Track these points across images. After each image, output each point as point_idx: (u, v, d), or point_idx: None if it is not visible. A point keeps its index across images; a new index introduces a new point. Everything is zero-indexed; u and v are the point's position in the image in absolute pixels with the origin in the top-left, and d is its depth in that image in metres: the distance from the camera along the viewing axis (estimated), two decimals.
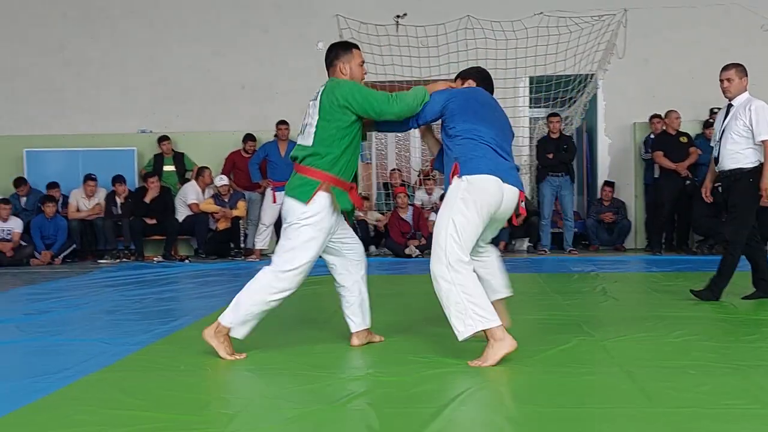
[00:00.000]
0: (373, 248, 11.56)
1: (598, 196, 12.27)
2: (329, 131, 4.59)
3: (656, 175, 11.48)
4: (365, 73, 4.87)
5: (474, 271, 4.43)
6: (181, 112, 12.62)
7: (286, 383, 4.15)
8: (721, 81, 6.52)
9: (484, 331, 4.32)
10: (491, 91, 4.96)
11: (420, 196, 12.50)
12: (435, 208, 11.91)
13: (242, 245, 11.77)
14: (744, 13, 11.85)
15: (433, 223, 4.64)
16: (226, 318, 4.66)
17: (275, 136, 11.45)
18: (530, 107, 12.68)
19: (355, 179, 4.85)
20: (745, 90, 6.50)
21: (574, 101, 11.98)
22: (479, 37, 11.71)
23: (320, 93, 4.68)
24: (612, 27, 11.70)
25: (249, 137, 11.91)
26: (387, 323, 5.59)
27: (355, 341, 4.97)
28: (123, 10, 12.68)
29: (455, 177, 4.45)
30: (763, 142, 6.26)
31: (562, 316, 6.02)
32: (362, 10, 12.04)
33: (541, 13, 11.64)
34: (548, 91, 12.10)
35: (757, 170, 6.32)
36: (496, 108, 4.79)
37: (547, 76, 11.94)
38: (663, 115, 11.51)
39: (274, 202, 10.97)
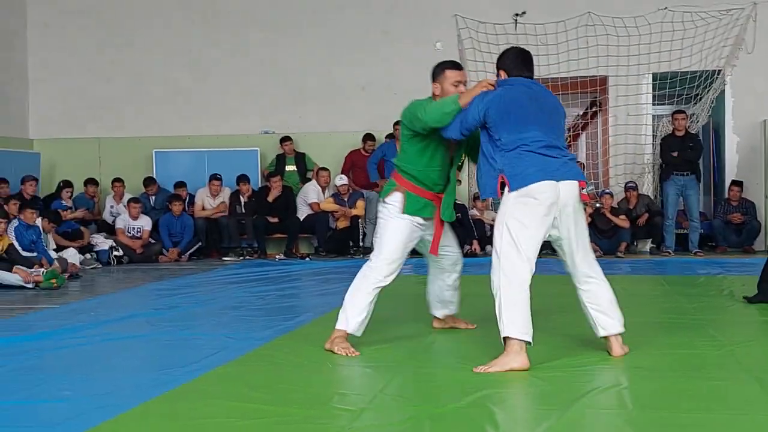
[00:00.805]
0: (489, 247, 11.45)
1: (726, 195, 11.86)
2: (404, 146, 5.01)
3: None
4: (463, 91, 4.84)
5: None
6: (302, 113, 12.83)
7: (405, 380, 4.18)
8: None
9: (504, 339, 4.33)
10: (530, 72, 4.75)
11: None
12: None
13: (361, 243, 11.88)
14: None
15: None
16: (339, 324, 4.84)
17: (391, 136, 11.53)
18: (654, 104, 12.35)
19: (445, 188, 5.00)
20: None
21: (701, 98, 11.63)
22: (600, 34, 11.51)
23: None
24: (741, 21, 11.31)
25: (368, 137, 12.04)
26: None
27: (435, 324, 5.53)
28: (244, 15, 12.97)
29: (505, 191, 4.45)
30: None
31: (687, 319, 5.85)
32: (481, 10, 11.97)
33: (666, 8, 11.34)
34: (672, 87, 11.78)
35: None
36: (537, 97, 4.61)
37: (671, 72, 11.64)
38: None
39: None
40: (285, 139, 12.39)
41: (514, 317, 4.29)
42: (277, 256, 11.62)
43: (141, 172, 12.65)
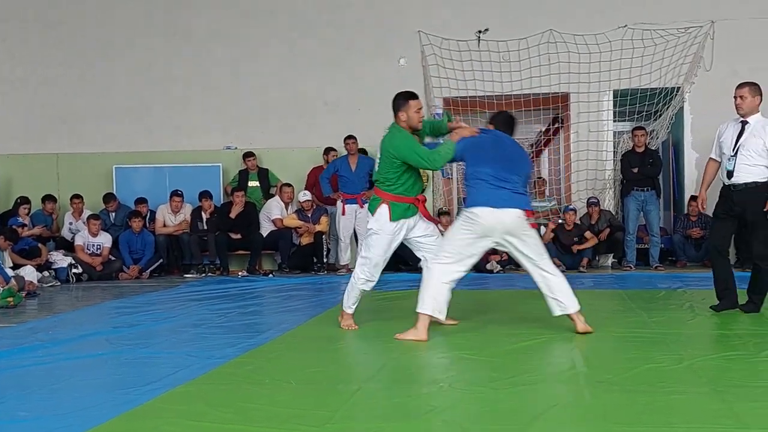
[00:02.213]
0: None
1: (685, 211, 11.99)
2: (385, 167, 6.03)
3: None
4: (422, 118, 6.11)
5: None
6: (265, 129, 12.78)
7: (369, 398, 4.16)
8: (735, 98, 6.82)
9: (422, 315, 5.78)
10: (511, 131, 6.13)
11: None
12: None
13: (325, 260, 11.84)
14: None
15: None
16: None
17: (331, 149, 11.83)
18: (614, 121, 12.47)
19: (423, 191, 6.35)
20: (758, 109, 6.80)
21: (660, 114, 11.78)
22: (562, 51, 11.64)
23: (384, 136, 6.06)
24: (699, 39, 11.51)
25: (330, 150, 12.00)
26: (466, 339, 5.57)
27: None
28: (207, 29, 12.92)
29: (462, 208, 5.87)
30: None
31: (648, 333, 5.90)
32: (444, 26, 12.06)
33: (626, 26, 11.51)
34: (633, 104, 11.92)
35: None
36: (504, 146, 5.92)
37: (632, 89, 11.78)
38: None
39: (344, 214, 11.31)
40: (248, 155, 12.33)
41: (426, 298, 5.78)
42: (239, 273, 11.54)
43: (101, 188, 12.51)
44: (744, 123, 6.82)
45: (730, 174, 6.78)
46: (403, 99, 6.03)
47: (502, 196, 5.70)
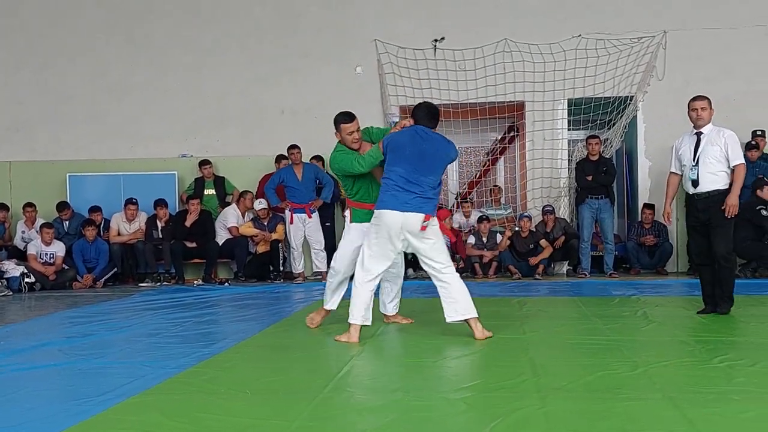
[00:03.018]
0: (410, 271, 11.49)
1: (639, 218, 12.14)
2: (342, 180, 6.63)
3: None
4: (357, 139, 6.39)
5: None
6: (221, 137, 12.72)
7: (323, 408, 4.14)
8: (696, 110, 7.22)
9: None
10: (433, 123, 6.14)
11: (458, 219, 12.49)
12: (473, 231, 11.89)
13: (281, 268, 11.81)
14: None
15: (471, 246, 5.98)
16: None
17: (283, 157, 11.78)
18: (569, 129, 12.60)
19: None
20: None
21: (614, 123, 11.92)
22: (517, 60, 11.76)
23: None
24: (651, 49, 11.68)
25: (282, 157, 11.94)
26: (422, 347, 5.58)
27: (385, 319, 7.00)
28: (164, 36, 12.84)
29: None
30: (736, 166, 7.04)
31: (602, 340, 5.95)
32: (400, 35, 12.11)
33: (580, 35, 11.66)
34: (587, 113, 12.06)
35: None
36: (417, 142, 5.96)
37: (586, 98, 11.91)
38: None
39: (291, 222, 11.34)
40: (204, 163, 12.25)
41: (359, 307, 6.01)
42: (195, 282, 11.47)
43: (54, 197, 12.36)
44: (699, 134, 7.21)
45: (695, 183, 7.15)
46: (337, 122, 6.48)
47: (407, 200, 5.86)
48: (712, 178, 7.06)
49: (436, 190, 6.05)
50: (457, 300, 5.99)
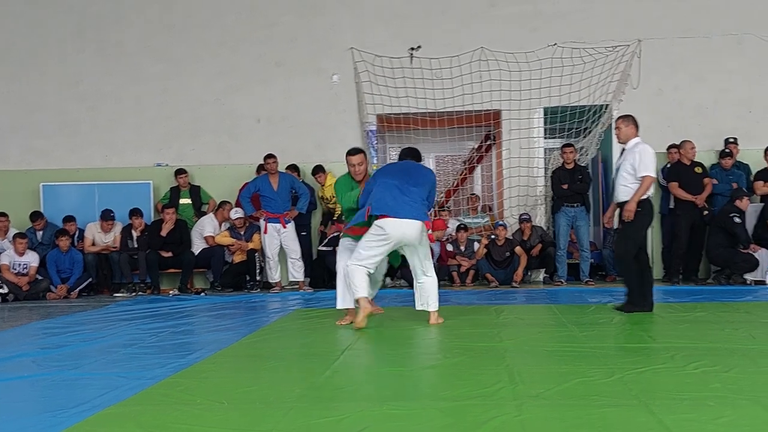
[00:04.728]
0: (388, 280, 11.49)
1: (615, 226, 12.18)
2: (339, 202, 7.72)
3: (671, 206, 11.45)
4: (357, 173, 7.42)
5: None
6: (196, 146, 12.67)
7: (313, 416, 4.12)
8: (617, 128, 8.05)
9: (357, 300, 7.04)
10: (415, 159, 7.48)
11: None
12: (450, 240, 11.90)
13: (258, 278, 11.76)
14: (758, 42, 11.84)
15: (451, 254, 6.40)
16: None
17: (262, 168, 11.60)
18: (545, 138, 12.66)
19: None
20: (635, 136, 7.89)
21: (589, 131, 11.99)
22: (493, 69, 11.80)
23: None
24: (626, 57, 11.77)
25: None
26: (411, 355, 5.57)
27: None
28: (138, 45, 12.78)
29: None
30: (642, 177, 7.64)
31: (579, 347, 5.97)
32: (376, 43, 12.13)
33: (555, 44, 11.72)
34: (563, 121, 12.12)
35: (643, 201, 7.73)
36: (403, 169, 7.18)
37: (561, 106, 11.97)
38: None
39: (266, 232, 11.23)
40: (179, 172, 12.20)
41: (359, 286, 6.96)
42: (171, 292, 11.40)
43: (28, 207, 12.26)
44: (623, 149, 8.09)
45: (614, 193, 8.11)
46: (347, 154, 7.50)
47: (404, 202, 6.93)
48: (624, 189, 7.79)
49: (426, 203, 7.13)
50: (429, 296, 7.32)
